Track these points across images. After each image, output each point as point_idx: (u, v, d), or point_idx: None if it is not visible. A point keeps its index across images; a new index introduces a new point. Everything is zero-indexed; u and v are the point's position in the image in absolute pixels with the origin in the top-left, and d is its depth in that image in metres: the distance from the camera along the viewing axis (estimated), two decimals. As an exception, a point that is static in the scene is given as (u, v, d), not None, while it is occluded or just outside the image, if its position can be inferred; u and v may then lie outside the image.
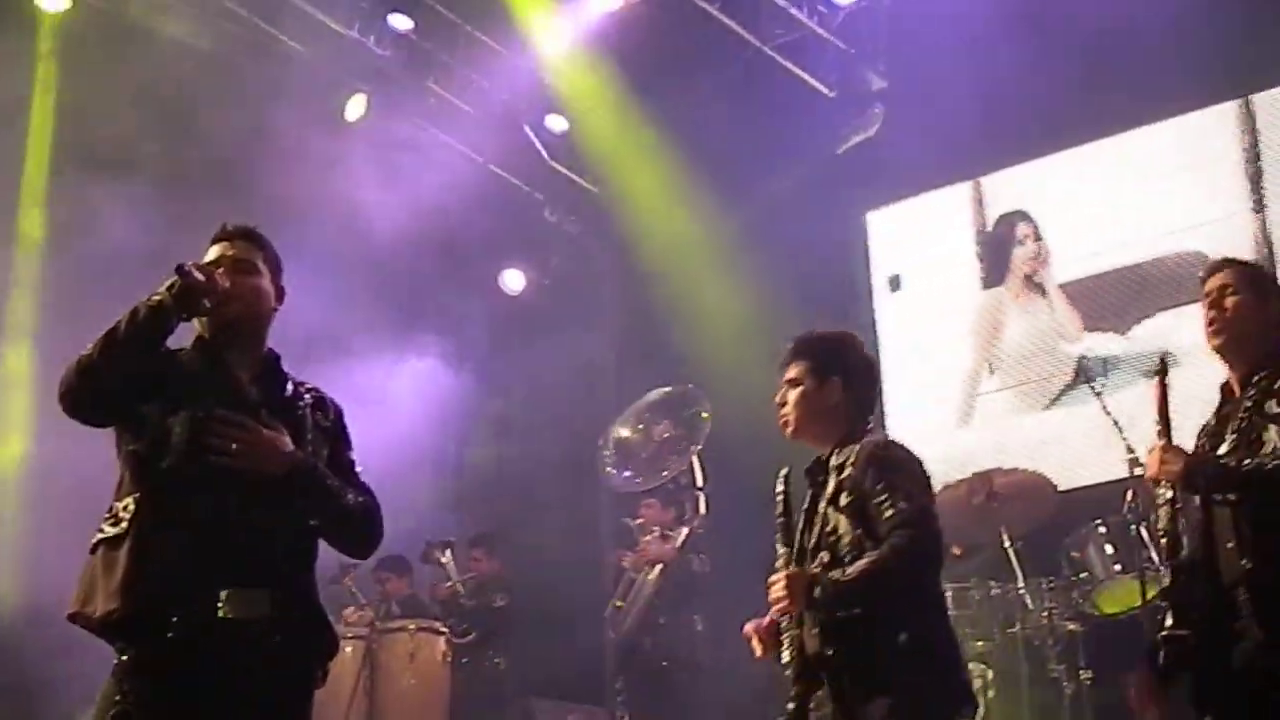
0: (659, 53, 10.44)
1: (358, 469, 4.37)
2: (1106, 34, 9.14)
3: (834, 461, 4.48)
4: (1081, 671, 7.58)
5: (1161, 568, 4.22)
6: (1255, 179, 9.23)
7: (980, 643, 7.87)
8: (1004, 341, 10.17)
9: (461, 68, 10.92)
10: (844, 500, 4.37)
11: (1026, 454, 9.16)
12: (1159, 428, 4.41)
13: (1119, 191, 9.74)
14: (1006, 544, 7.81)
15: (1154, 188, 9.57)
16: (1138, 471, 7.15)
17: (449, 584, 9.80)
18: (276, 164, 9.46)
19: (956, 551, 8.11)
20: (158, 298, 3.88)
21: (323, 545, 4.28)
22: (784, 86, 10.47)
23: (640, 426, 9.04)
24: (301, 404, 4.24)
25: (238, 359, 4.16)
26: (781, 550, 4.46)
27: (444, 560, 9.86)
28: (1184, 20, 8.62)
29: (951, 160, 10.21)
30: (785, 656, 4.34)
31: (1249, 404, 4.30)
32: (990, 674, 7.82)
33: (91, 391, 3.90)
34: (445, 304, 11.75)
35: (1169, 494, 4.31)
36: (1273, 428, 4.21)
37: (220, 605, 3.86)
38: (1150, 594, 6.53)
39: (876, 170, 10.44)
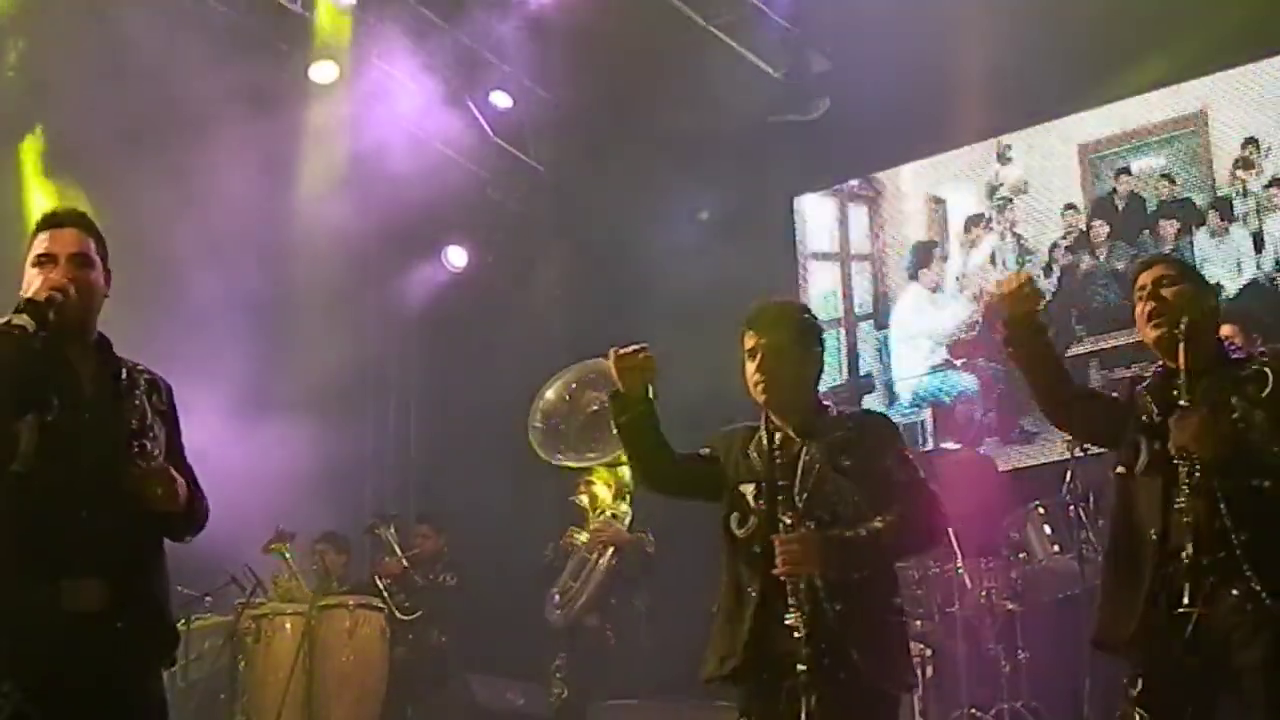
0: (605, 30, 10.40)
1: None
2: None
3: (816, 425, 4.46)
4: (1020, 652, 7.64)
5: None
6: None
7: (919, 622, 7.92)
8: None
9: (405, 42, 10.82)
10: (845, 463, 4.37)
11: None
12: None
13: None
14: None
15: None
16: (1077, 453, 7.24)
17: (394, 559, 9.72)
18: (211, 136, 9.37)
19: None
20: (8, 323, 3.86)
21: None
22: (727, 64, 10.44)
23: (567, 397, 9.00)
24: (138, 391, 4.19)
25: (78, 354, 4.12)
26: (789, 512, 4.29)
27: (387, 535, 9.79)
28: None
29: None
30: (791, 618, 4.17)
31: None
32: (928, 653, 7.87)
33: None
34: (388, 278, 11.67)
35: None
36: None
37: (60, 597, 3.87)
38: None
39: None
